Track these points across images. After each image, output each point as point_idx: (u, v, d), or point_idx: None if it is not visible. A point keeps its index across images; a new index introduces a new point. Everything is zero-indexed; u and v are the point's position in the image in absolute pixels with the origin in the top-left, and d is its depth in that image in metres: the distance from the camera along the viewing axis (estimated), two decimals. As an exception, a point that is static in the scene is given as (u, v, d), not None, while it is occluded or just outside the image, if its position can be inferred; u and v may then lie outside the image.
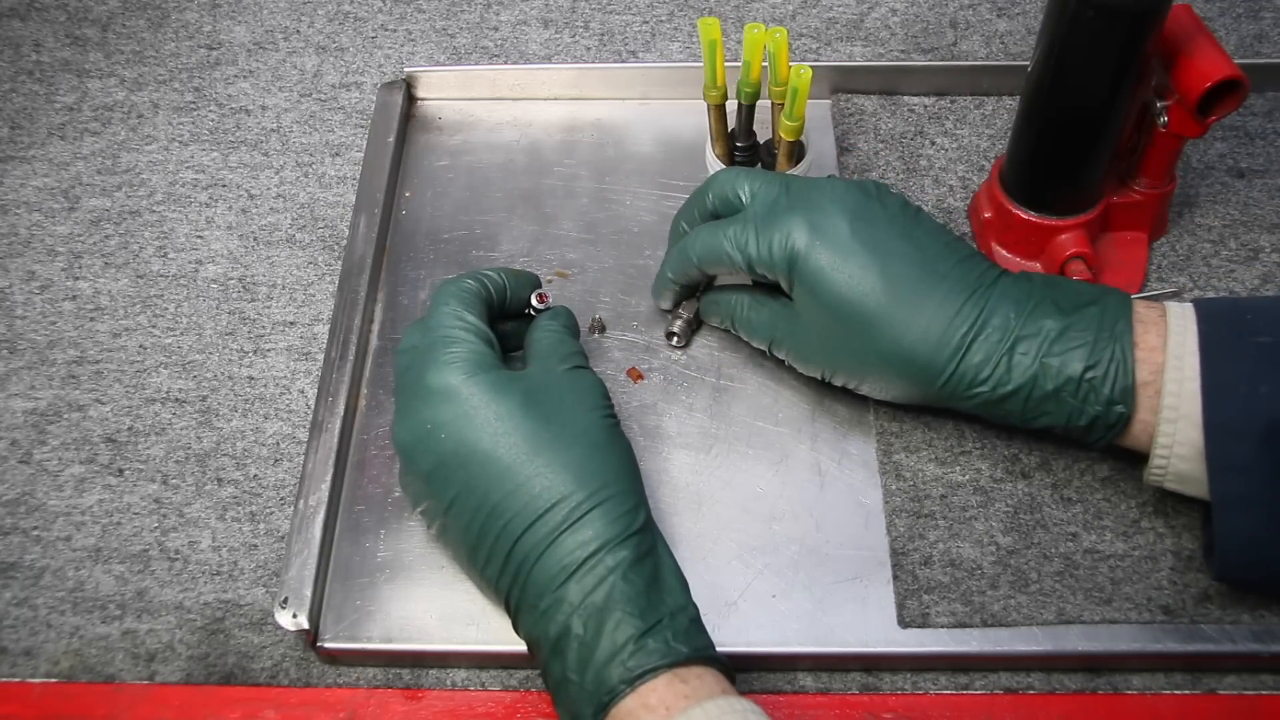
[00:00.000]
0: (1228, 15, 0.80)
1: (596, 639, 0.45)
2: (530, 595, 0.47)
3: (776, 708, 0.52)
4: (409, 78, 0.75)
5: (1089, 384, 0.50)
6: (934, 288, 0.52)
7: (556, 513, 0.47)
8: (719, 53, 0.60)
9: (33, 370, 0.63)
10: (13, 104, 0.77)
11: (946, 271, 0.52)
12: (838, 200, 0.54)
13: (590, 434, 0.50)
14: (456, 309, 0.52)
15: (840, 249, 0.53)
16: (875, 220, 0.53)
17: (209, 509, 0.58)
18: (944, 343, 0.52)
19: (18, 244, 0.69)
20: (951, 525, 0.55)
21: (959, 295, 0.52)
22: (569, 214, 0.69)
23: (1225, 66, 0.55)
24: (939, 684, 0.52)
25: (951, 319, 0.52)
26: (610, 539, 0.47)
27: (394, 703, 0.52)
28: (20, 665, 0.53)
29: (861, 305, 0.52)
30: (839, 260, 0.53)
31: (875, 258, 0.52)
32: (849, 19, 0.80)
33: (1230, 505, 0.48)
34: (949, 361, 0.52)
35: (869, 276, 0.52)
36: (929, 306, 0.52)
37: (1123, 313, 0.51)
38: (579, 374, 0.53)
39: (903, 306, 0.52)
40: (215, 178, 0.72)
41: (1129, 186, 0.63)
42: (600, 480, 0.48)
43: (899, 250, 0.53)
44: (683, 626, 0.46)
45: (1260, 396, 0.47)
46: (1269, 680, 0.52)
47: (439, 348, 0.51)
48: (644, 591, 0.46)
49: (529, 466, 0.48)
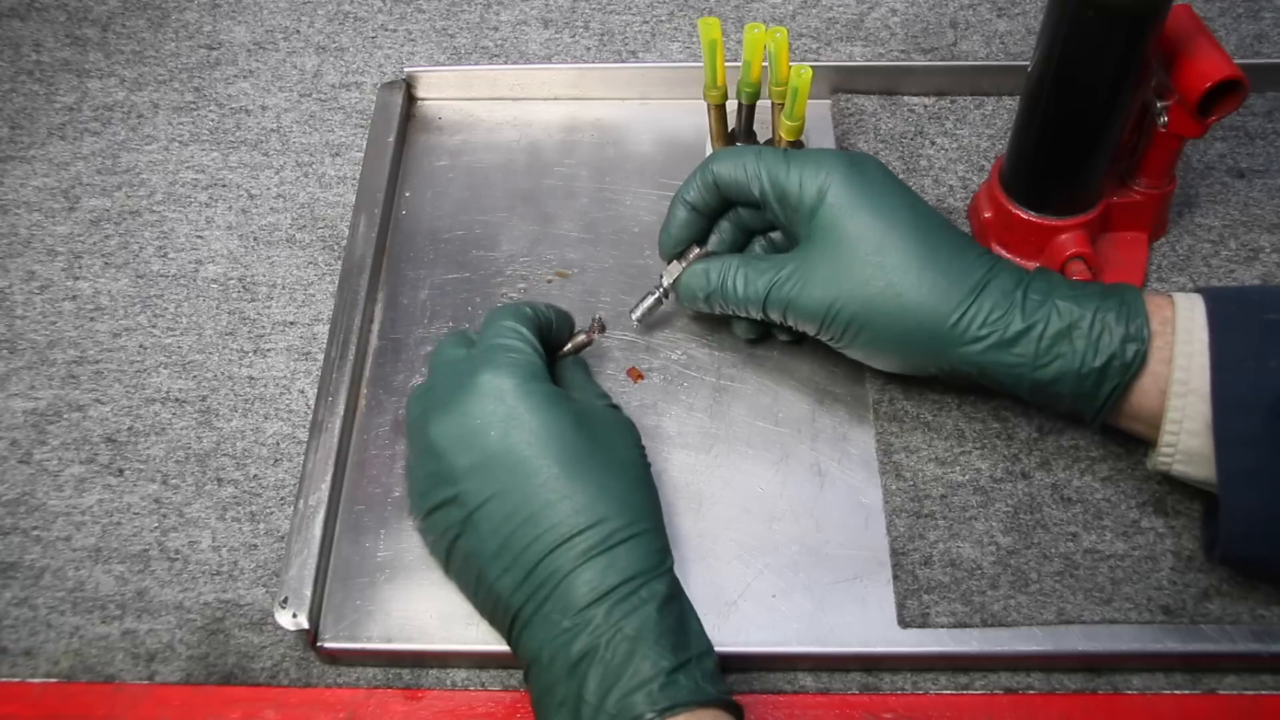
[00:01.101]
0: (1228, 15, 0.80)
1: (625, 666, 0.45)
2: (551, 611, 0.46)
3: (776, 708, 0.52)
4: (409, 78, 0.75)
5: (1103, 320, 0.50)
6: (956, 239, 0.54)
7: (594, 534, 0.47)
8: (719, 53, 0.61)
9: (33, 370, 0.63)
10: (13, 104, 0.77)
11: (964, 239, 0.54)
12: (872, 159, 0.56)
13: (633, 468, 0.51)
14: (514, 324, 0.53)
15: (876, 188, 0.54)
16: (899, 182, 0.55)
17: (209, 509, 0.58)
18: (960, 282, 0.52)
19: (18, 244, 0.69)
20: (951, 525, 0.55)
21: (974, 251, 0.53)
22: (569, 214, 0.69)
23: (1225, 66, 0.55)
24: (939, 684, 0.52)
25: (970, 263, 0.52)
26: (644, 570, 0.47)
27: (394, 703, 0.52)
28: (20, 665, 0.53)
29: (887, 242, 0.53)
30: (875, 196, 0.53)
31: (908, 201, 0.54)
32: (849, 19, 0.80)
33: (1238, 479, 0.48)
34: (963, 300, 0.52)
35: (901, 216, 0.53)
36: (949, 252, 0.53)
37: (1130, 288, 0.52)
38: (619, 411, 0.55)
39: (926, 246, 0.52)
40: (215, 178, 0.72)
41: (1129, 186, 0.63)
42: (640, 512, 0.49)
43: (923, 209, 0.54)
44: (709, 669, 0.46)
45: (1270, 370, 0.47)
46: (1269, 680, 0.52)
47: (497, 352, 0.52)
48: (675, 629, 0.46)
49: (573, 483, 0.48)
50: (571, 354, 0.58)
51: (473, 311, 0.64)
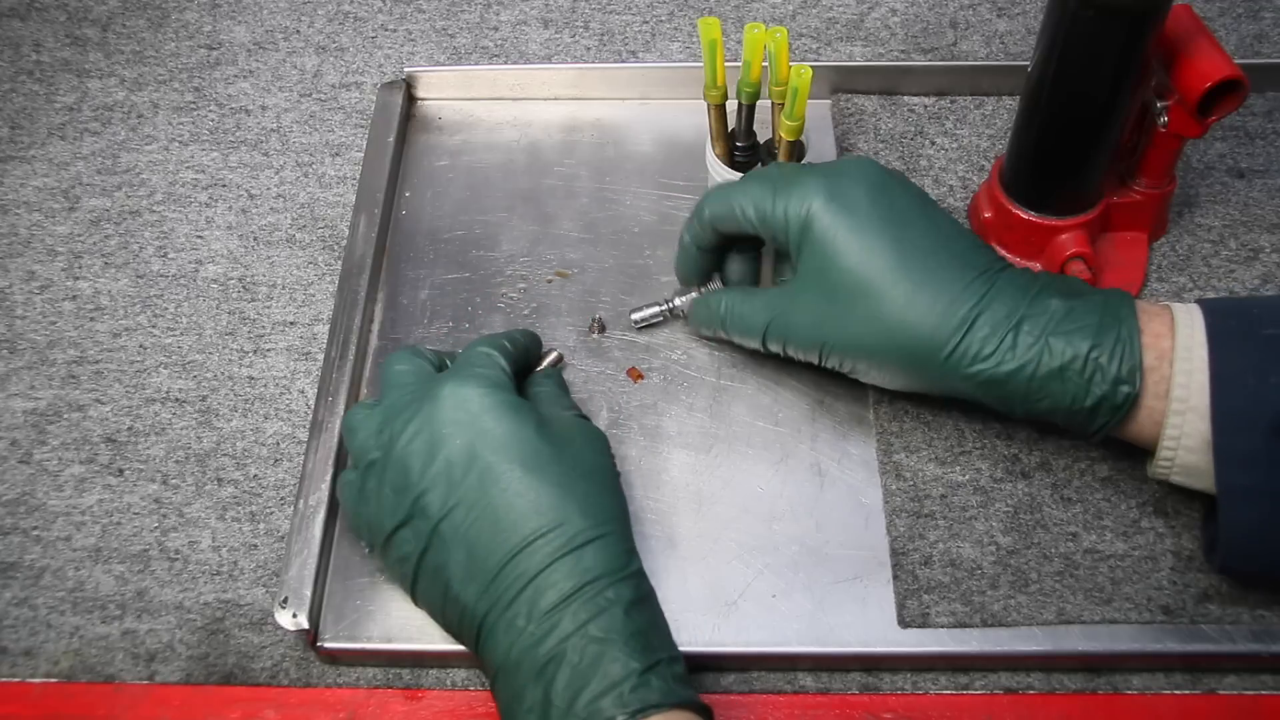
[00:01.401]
0: (1228, 15, 0.80)
1: (594, 668, 0.44)
2: (515, 616, 0.46)
3: (776, 708, 0.52)
4: (409, 78, 0.75)
5: (1095, 362, 0.49)
6: (945, 264, 0.52)
7: (558, 536, 0.47)
8: (719, 53, 0.60)
9: (33, 370, 0.63)
10: (13, 104, 0.77)
11: (958, 251, 0.52)
12: (859, 172, 0.54)
13: (599, 473, 0.51)
14: (487, 349, 0.53)
15: (858, 215, 0.52)
16: (894, 195, 0.53)
17: (209, 509, 0.58)
18: (950, 315, 0.51)
19: (18, 244, 0.69)
20: (951, 525, 0.55)
21: (968, 272, 0.52)
22: (569, 214, 0.69)
23: (1225, 66, 0.55)
24: (939, 684, 0.52)
25: (959, 294, 0.51)
26: (610, 572, 0.47)
27: (394, 703, 0.52)
28: (20, 665, 0.53)
29: (871, 273, 0.52)
30: (855, 225, 0.52)
31: (891, 227, 0.52)
32: (849, 19, 0.80)
33: (1237, 496, 0.48)
34: (953, 334, 0.51)
35: (883, 245, 0.52)
36: (937, 281, 0.51)
37: (1126, 301, 0.51)
38: (588, 422, 0.55)
39: (912, 277, 0.51)
40: (215, 178, 0.72)
41: (1129, 186, 0.63)
42: (604, 515, 0.48)
43: (915, 224, 0.53)
44: (679, 673, 0.46)
45: (1270, 387, 0.47)
46: (1269, 680, 0.52)
47: (462, 368, 0.52)
48: (644, 631, 0.46)
49: (536, 487, 0.48)
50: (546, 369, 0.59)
51: (473, 311, 0.64)
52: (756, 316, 0.56)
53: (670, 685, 0.45)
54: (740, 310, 0.57)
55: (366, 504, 0.51)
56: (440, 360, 0.55)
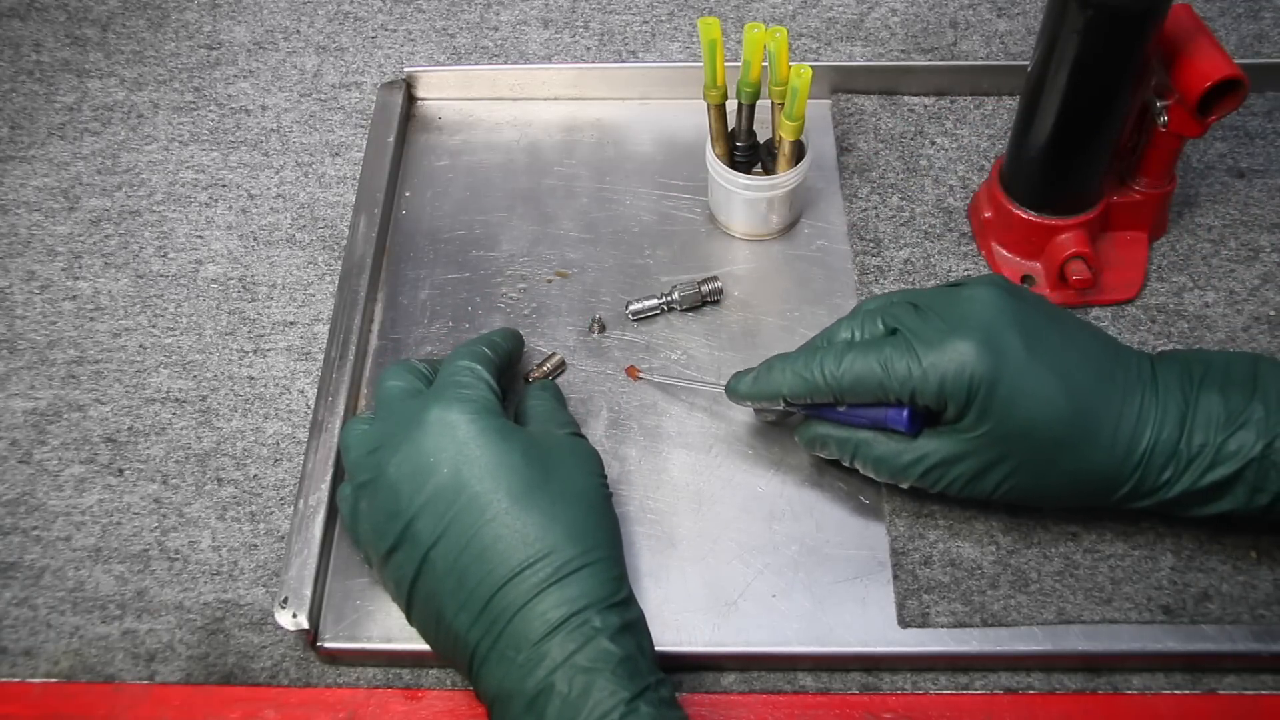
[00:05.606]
0: (1228, 15, 0.80)
1: (584, 699, 0.44)
2: (506, 647, 0.46)
3: (776, 708, 0.52)
4: (409, 78, 0.75)
5: (1271, 462, 0.48)
6: (1109, 397, 0.50)
7: (545, 566, 0.47)
8: (719, 52, 0.61)
9: (33, 370, 0.63)
10: (13, 104, 0.77)
11: (1111, 372, 0.50)
12: (999, 314, 0.50)
13: (588, 496, 0.50)
14: (469, 363, 0.53)
15: (1025, 373, 0.49)
16: (1040, 331, 0.50)
17: (209, 509, 0.58)
18: (1127, 455, 0.49)
19: (18, 244, 0.69)
20: (951, 525, 0.55)
21: (1132, 399, 0.50)
22: (569, 214, 0.69)
23: (1225, 66, 0.55)
24: (939, 684, 0.52)
25: (1132, 430, 0.49)
26: (598, 600, 0.47)
27: (394, 703, 0.52)
28: (20, 665, 0.53)
29: (1050, 429, 0.49)
30: (1026, 385, 0.49)
31: (1057, 376, 0.49)
32: (849, 19, 0.80)
33: None
34: (1132, 473, 0.50)
35: (1057, 398, 0.49)
36: (1109, 420, 0.49)
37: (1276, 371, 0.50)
38: (579, 440, 0.54)
39: (1086, 422, 0.49)
40: (215, 178, 0.72)
41: (1129, 186, 0.63)
42: (593, 541, 0.48)
43: (1072, 360, 0.50)
44: (667, 696, 0.46)
45: None
46: (1269, 680, 0.52)
47: (448, 388, 0.51)
48: (632, 657, 0.46)
49: (523, 516, 0.48)
50: (541, 379, 0.59)
51: (473, 311, 0.64)
52: (909, 463, 0.52)
53: (660, 711, 0.45)
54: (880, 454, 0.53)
55: (361, 523, 0.51)
56: (434, 372, 0.55)
